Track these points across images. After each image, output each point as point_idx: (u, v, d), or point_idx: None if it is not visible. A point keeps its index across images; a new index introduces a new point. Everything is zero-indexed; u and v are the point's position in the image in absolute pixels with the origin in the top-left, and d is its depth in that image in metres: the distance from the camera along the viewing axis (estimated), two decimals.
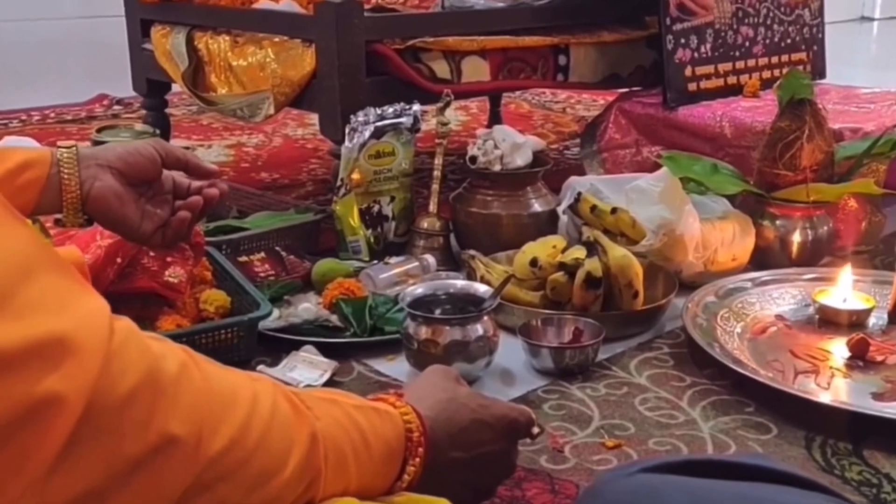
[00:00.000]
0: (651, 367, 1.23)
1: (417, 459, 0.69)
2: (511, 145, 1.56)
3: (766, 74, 2.00)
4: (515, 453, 0.83)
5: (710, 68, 1.92)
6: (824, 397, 1.12)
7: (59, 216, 0.92)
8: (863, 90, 2.10)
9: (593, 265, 1.29)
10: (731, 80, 1.95)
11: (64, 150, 0.91)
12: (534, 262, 1.35)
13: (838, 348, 1.24)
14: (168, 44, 1.94)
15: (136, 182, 0.97)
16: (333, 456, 0.62)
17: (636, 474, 0.60)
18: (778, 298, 1.38)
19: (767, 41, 2.02)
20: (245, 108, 1.73)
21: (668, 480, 0.60)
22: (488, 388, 1.17)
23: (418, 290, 1.22)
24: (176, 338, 0.57)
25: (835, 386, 1.16)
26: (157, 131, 1.87)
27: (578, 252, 1.34)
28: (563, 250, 1.37)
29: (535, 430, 0.84)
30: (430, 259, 1.49)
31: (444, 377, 0.81)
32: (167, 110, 2.22)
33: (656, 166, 1.60)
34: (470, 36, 1.72)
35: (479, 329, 1.16)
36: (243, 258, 1.46)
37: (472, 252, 1.42)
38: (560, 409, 1.12)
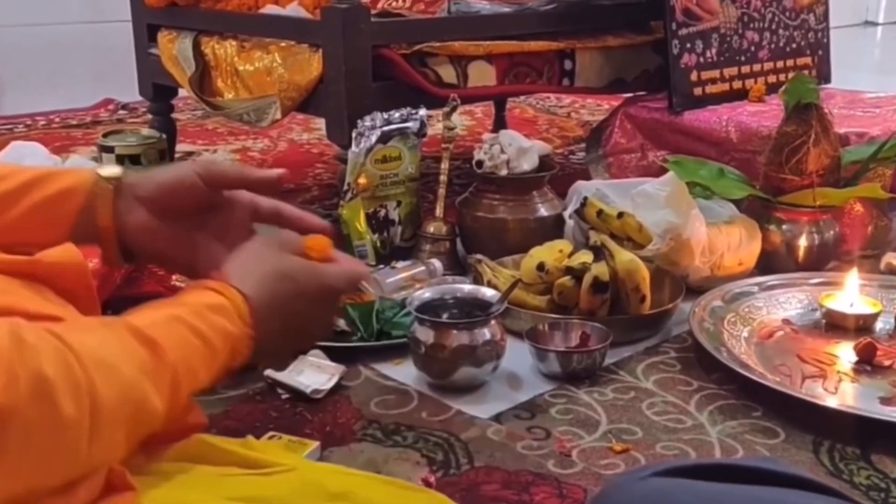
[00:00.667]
0: (658, 371, 1.23)
1: (249, 341, 0.72)
2: (517, 150, 1.56)
3: (772, 79, 2.00)
4: (336, 313, 0.95)
5: (715, 73, 1.92)
6: (832, 402, 1.12)
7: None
8: (868, 94, 2.09)
9: (600, 269, 1.29)
10: (737, 84, 1.96)
11: (104, 180, 0.82)
12: (541, 267, 1.35)
13: (845, 353, 1.24)
14: (174, 48, 1.95)
15: (175, 215, 0.85)
16: (188, 378, 0.67)
17: (648, 478, 0.60)
18: (785, 303, 1.38)
19: (773, 46, 2.03)
20: (252, 113, 1.73)
21: (679, 484, 0.60)
22: (495, 392, 1.18)
23: (426, 294, 1.23)
24: None
25: (842, 390, 1.16)
26: (164, 136, 1.88)
27: (585, 256, 1.34)
28: (570, 255, 1.38)
29: (364, 285, 0.89)
30: (437, 263, 1.50)
31: (267, 246, 0.80)
32: (173, 115, 2.23)
33: (662, 171, 1.60)
34: (476, 41, 1.73)
35: (486, 333, 1.17)
36: None
37: (479, 256, 1.42)
38: (567, 414, 1.12)
